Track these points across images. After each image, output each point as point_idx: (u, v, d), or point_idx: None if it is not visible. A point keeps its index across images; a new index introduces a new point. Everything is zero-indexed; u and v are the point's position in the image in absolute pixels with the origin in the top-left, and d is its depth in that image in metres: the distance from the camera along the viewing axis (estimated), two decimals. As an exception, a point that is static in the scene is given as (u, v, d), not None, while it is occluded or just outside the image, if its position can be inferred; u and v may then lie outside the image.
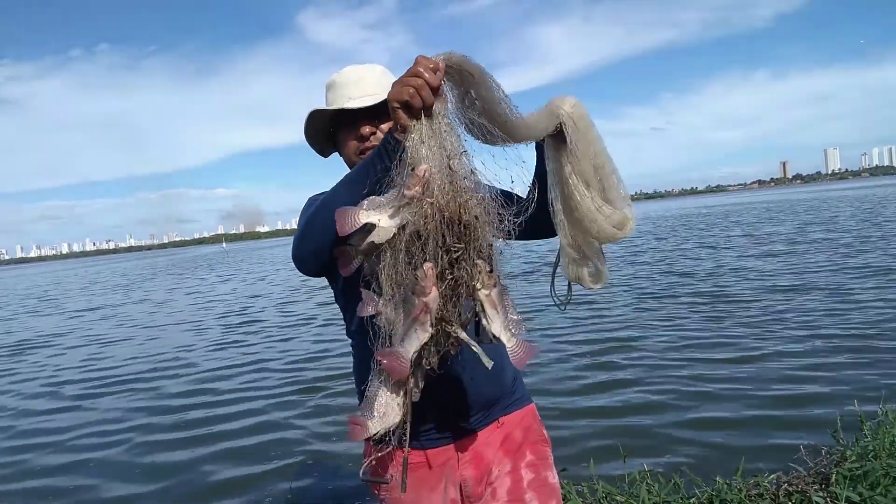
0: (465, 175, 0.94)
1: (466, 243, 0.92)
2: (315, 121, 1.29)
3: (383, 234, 0.92)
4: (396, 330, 0.95)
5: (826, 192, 69.60)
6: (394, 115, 0.95)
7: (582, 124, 1.24)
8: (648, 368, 5.09)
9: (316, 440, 4.20)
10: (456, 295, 0.94)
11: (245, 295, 15.08)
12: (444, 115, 0.95)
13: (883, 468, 2.31)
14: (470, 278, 0.94)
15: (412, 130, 0.93)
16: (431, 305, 0.91)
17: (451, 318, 0.95)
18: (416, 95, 0.91)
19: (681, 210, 55.19)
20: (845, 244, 12.66)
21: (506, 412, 1.30)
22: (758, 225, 22.21)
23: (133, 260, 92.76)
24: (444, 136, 0.94)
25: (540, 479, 1.29)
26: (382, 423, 1.00)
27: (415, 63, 0.93)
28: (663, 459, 3.32)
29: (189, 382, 6.22)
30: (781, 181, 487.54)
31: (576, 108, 1.22)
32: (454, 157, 0.94)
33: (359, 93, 1.23)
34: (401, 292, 0.94)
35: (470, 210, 0.93)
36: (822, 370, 4.58)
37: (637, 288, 9.62)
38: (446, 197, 0.91)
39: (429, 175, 0.89)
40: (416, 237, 0.91)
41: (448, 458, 1.23)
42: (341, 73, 1.29)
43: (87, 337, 10.38)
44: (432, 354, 0.97)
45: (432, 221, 0.90)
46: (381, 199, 0.94)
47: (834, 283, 8.12)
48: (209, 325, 10.44)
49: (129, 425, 4.95)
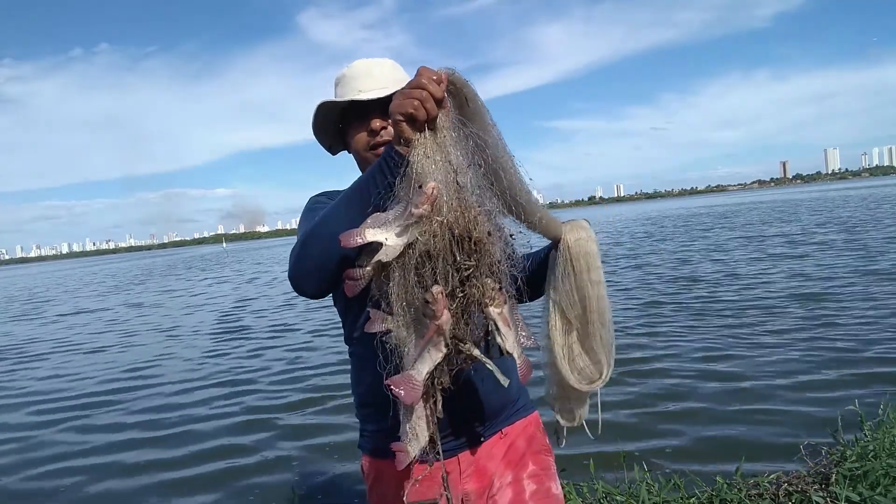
0: (472, 190, 0.92)
1: (477, 260, 0.90)
2: (323, 115, 1.25)
3: (391, 253, 0.89)
4: (408, 349, 0.93)
5: (827, 191, 69.61)
6: (397, 129, 0.91)
7: (579, 264, 1.21)
8: (648, 368, 5.10)
9: (305, 461, 3.94)
10: (468, 313, 0.92)
11: (235, 299, 14.78)
12: (448, 127, 0.91)
13: (883, 468, 2.31)
14: (482, 296, 0.91)
15: (416, 145, 0.89)
16: (444, 327, 0.89)
17: (464, 337, 0.93)
18: (420, 107, 0.88)
19: (681, 210, 55.17)
20: (846, 243, 12.67)
21: (509, 422, 1.27)
22: (758, 225, 22.22)
23: (132, 260, 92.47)
24: (450, 150, 0.91)
25: (542, 490, 1.26)
26: (419, 444, 0.98)
27: (417, 75, 0.90)
28: (663, 459, 3.33)
29: (154, 402, 5.65)
30: (781, 181, 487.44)
31: (579, 244, 1.19)
32: (461, 171, 0.90)
33: (369, 86, 1.20)
34: (411, 312, 0.91)
35: (480, 226, 0.90)
36: (822, 369, 4.58)
37: (636, 288, 9.63)
38: (455, 214, 0.88)
39: (437, 193, 0.86)
40: (426, 256, 0.88)
41: (449, 472, 1.19)
42: (351, 66, 1.25)
43: (56, 345, 9.90)
44: (444, 374, 0.95)
45: (442, 240, 0.87)
46: (386, 215, 0.90)
47: (834, 284, 8.12)
48: (189, 332, 10.10)
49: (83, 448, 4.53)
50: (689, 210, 51.95)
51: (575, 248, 1.19)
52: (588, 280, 1.20)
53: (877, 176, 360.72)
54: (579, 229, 1.21)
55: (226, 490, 3.62)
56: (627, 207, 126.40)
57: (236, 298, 14.70)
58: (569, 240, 1.20)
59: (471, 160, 0.93)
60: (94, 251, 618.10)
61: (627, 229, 29.03)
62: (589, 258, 1.20)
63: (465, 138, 0.92)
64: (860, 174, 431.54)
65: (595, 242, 1.21)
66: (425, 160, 0.88)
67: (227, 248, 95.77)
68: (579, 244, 1.19)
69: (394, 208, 0.90)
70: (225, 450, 4.27)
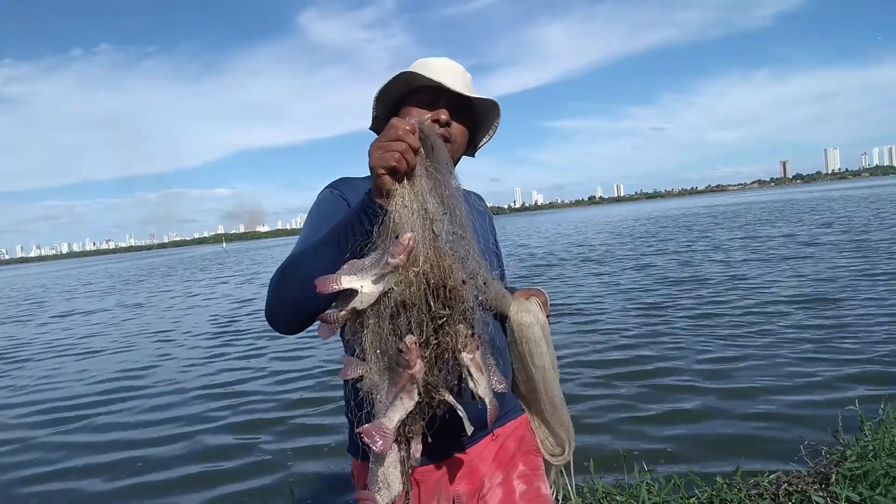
0: (447, 238, 0.93)
1: (451, 308, 0.91)
2: (397, 85, 1.26)
3: (367, 300, 0.89)
4: (380, 396, 0.93)
5: (827, 191, 69.66)
6: (379, 182, 0.92)
7: (523, 349, 1.22)
8: (648, 368, 5.10)
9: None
10: (441, 360, 0.93)
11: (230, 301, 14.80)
12: (423, 175, 0.93)
13: (883, 468, 2.31)
14: (455, 343, 0.93)
15: (394, 195, 0.91)
16: (417, 376, 0.90)
17: (437, 383, 0.94)
18: (402, 160, 0.90)
19: (681, 210, 55.20)
20: (849, 243, 12.67)
21: (500, 423, 1.28)
22: (758, 226, 22.21)
23: (132, 260, 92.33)
24: (426, 199, 0.92)
25: (532, 489, 1.26)
26: (390, 495, 0.97)
27: (391, 127, 0.91)
28: (663, 459, 3.33)
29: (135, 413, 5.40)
30: (781, 181, 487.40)
31: (522, 330, 1.21)
32: (436, 219, 0.92)
33: (454, 83, 1.23)
34: (384, 360, 0.92)
35: (455, 275, 0.91)
36: (822, 370, 4.58)
37: (636, 289, 9.63)
38: (430, 263, 0.89)
39: (413, 244, 0.88)
40: (401, 305, 0.89)
41: (441, 474, 1.20)
42: (438, 59, 1.29)
43: (45, 349, 9.75)
44: (416, 422, 0.95)
45: (417, 290, 0.89)
46: (362, 262, 0.91)
47: (834, 283, 8.13)
48: (187, 332, 10.17)
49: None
50: (690, 210, 51.97)
51: (518, 333, 1.21)
52: (532, 365, 1.22)
53: (877, 176, 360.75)
54: (525, 313, 1.22)
55: (219, 492, 3.61)
56: (628, 207, 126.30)
57: (235, 299, 14.72)
58: (513, 324, 1.22)
59: (445, 208, 0.94)
60: (94, 251, 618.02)
61: (628, 229, 29.03)
62: (531, 345, 1.21)
63: (438, 186, 0.94)
64: (860, 174, 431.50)
65: (540, 326, 1.22)
66: (403, 209, 0.90)
67: (227, 248, 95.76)
68: (522, 330, 1.21)
69: (370, 255, 0.91)
70: (219, 451, 4.27)
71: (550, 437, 1.32)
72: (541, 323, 1.22)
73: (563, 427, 1.30)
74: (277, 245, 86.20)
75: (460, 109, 1.26)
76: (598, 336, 6.47)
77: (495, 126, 1.34)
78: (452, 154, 1.28)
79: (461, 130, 1.28)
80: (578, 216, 74.37)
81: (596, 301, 8.76)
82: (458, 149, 1.29)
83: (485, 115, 1.32)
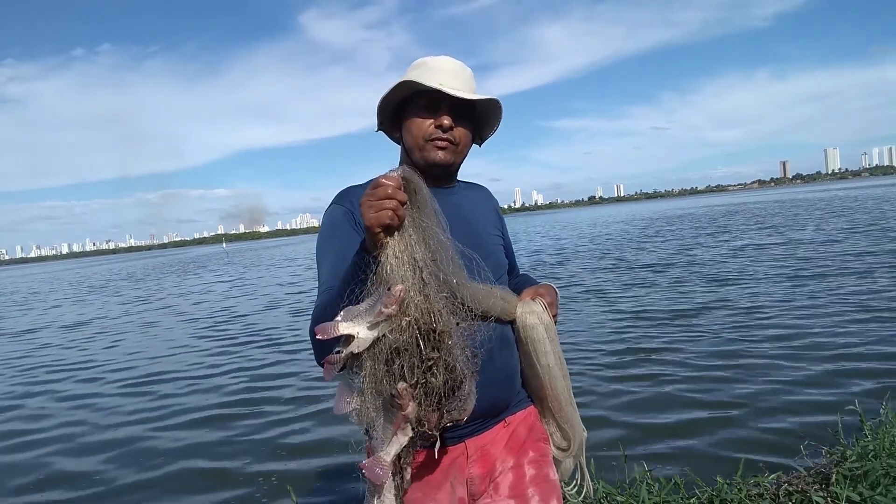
0: (433, 284, 0.99)
1: (440, 350, 0.98)
2: (393, 91, 1.26)
3: (362, 345, 0.96)
4: (376, 432, 1.01)
5: (828, 191, 69.65)
6: (374, 239, 0.97)
7: (528, 348, 1.27)
8: (648, 369, 5.10)
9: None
10: (432, 396, 1.00)
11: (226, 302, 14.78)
12: (411, 226, 0.99)
13: (883, 468, 2.31)
14: (443, 384, 1.00)
15: (386, 247, 0.97)
16: (411, 416, 0.98)
17: (428, 419, 1.02)
18: (394, 216, 0.95)
19: (681, 210, 55.18)
20: (849, 244, 12.66)
21: (512, 411, 1.33)
22: (758, 226, 22.21)
23: (131, 260, 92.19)
24: (415, 248, 0.98)
25: (541, 475, 1.32)
26: None
27: (378, 185, 0.95)
28: (663, 459, 3.33)
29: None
30: (782, 181, 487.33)
31: (526, 331, 1.26)
32: (425, 267, 0.98)
33: (453, 84, 1.23)
34: (379, 399, 0.99)
35: (443, 320, 0.98)
36: (822, 370, 4.57)
37: (636, 289, 9.63)
38: (421, 310, 0.96)
39: (404, 295, 0.94)
40: (395, 351, 0.96)
41: (456, 457, 1.25)
42: (437, 58, 1.28)
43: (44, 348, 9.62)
44: (409, 455, 1.04)
45: (409, 336, 0.96)
46: (358, 308, 0.97)
47: (832, 283, 8.13)
48: (187, 332, 10.14)
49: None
50: (690, 210, 51.96)
51: (523, 333, 1.26)
52: (538, 364, 1.27)
53: (877, 176, 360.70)
54: (529, 314, 1.26)
55: (220, 492, 3.61)
56: (628, 207, 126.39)
57: (233, 299, 14.73)
58: (519, 325, 1.26)
59: (432, 254, 1.01)
60: (94, 251, 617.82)
61: (629, 229, 29.02)
62: (535, 344, 1.26)
63: (424, 231, 1.00)
64: (860, 174, 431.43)
65: (544, 326, 1.26)
66: (394, 260, 0.96)
67: (227, 248, 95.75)
68: (526, 331, 1.25)
69: (365, 301, 0.98)
70: (219, 450, 4.26)
71: (558, 431, 1.37)
72: (545, 323, 1.26)
73: (568, 423, 1.36)
74: (278, 245, 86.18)
75: (462, 109, 1.26)
76: (598, 336, 6.47)
77: (499, 119, 1.35)
78: (457, 156, 1.30)
79: (465, 133, 1.29)
80: (579, 216, 74.41)
81: (595, 302, 8.76)
82: (462, 151, 1.30)
83: (488, 111, 1.33)
